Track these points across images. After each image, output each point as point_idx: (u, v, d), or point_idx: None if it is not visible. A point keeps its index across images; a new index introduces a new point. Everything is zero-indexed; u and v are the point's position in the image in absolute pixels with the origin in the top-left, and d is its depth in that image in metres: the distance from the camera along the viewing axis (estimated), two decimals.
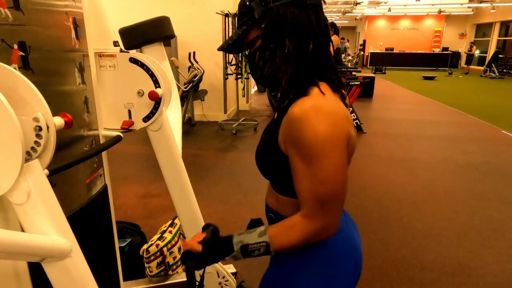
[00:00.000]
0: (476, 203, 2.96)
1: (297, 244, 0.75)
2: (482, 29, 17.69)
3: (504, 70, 14.02)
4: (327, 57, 0.77)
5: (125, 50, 1.16)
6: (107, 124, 1.18)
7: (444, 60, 17.06)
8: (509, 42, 15.85)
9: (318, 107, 0.69)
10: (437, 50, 17.87)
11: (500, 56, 14.41)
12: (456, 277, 2.00)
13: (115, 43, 1.16)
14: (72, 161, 0.86)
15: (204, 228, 0.87)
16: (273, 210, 0.90)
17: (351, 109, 5.19)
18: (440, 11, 16.22)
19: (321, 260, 0.82)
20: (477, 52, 16.77)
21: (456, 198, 3.05)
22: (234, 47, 0.80)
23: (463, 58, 17.46)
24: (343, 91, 0.82)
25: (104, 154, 1.17)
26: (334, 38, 5.97)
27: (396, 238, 2.40)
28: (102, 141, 1.14)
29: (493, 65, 13.65)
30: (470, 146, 4.62)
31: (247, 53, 0.82)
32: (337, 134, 0.69)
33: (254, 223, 0.85)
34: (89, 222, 1.08)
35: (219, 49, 0.83)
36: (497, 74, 13.44)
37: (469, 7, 16.08)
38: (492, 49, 15.93)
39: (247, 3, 0.75)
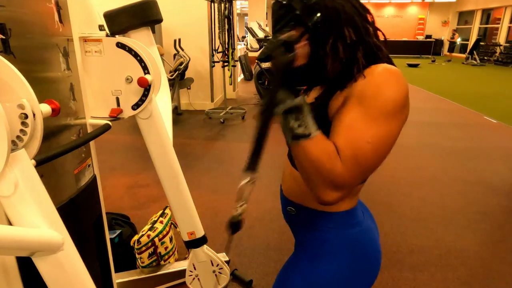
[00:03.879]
0: (461, 187, 3.03)
1: (313, 168, 0.66)
2: (464, 17, 17.93)
3: (485, 58, 14.31)
4: (377, 37, 0.77)
5: (111, 35, 1.11)
6: (95, 112, 1.14)
7: (427, 48, 17.26)
8: (490, 30, 16.13)
9: (398, 73, 0.69)
10: (420, 38, 18.05)
11: (481, 43, 14.68)
12: (443, 259, 2.06)
13: (101, 27, 1.11)
14: (60, 150, 0.82)
15: None
16: (295, 202, 0.87)
17: None
18: None
19: (343, 251, 0.82)
20: (459, 40, 17.04)
21: (442, 183, 3.12)
22: None
23: (446, 45, 17.71)
24: None
25: (92, 143, 1.13)
26: None
27: (385, 223, 2.44)
28: (89, 130, 1.10)
29: (474, 52, 13.90)
30: (454, 131, 4.71)
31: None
32: (406, 107, 0.69)
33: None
34: (79, 213, 1.04)
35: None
36: (479, 61, 13.70)
37: None
38: (473, 37, 16.20)
39: (285, 3, 0.72)
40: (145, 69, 1.09)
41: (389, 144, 0.69)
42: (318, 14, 0.70)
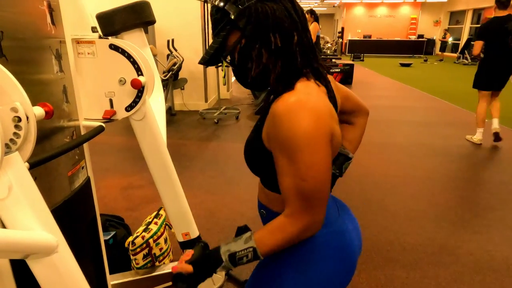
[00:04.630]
0: (453, 185, 3.07)
1: (283, 245, 0.75)
2: (456, 17, 18.12)
3: (476, 57, 14.46)
4: (311, 46, 0.76)
5: (104, 37, 1.11)
6: (88, 114, 1.14)
7: (419, 47, 17.42)
8: None
9: (302, 103, 0.68)
10: (413, 38, 18.21)
11: (472, 43, 14.80)
12: (436, 257, 2.08)
13: (94, 29, 1.11)
14: (53, 153, 0.82)
15: (194, 245, 0.86)
16: (265, 206, 0.89)
17: None
18: None
19: (310, 255, 0.82)
20: (450, 39, 17.20)
21: (434, 181, 3.16)
22: (216, 57, 0.77)
23: (438, 45, 17.88)
24: (328, 75, 0.81)
25: (86, 145, 1.12)
26: (314, 25, 5.96)
27: (378, 221, 2.46)
28: (83, 132, 1.10)
29: (466, 52, 14.05)
30: (446, 130, 4.77)
31: (229, 60, 0.78)
32: (320, 130, 0.68)
33: (241, 231, 0.83)
34: (73, 215, 1.04)
35: (200, 63, 0.80)
36: (470, 60, 13.86)
37: None
38: (465, 36, 16.38)
39: (221, 7, 0.72)
40: (138, 70, 1.09)
41: (323, 169, 0.69)
42: (250, 19, 0.70)
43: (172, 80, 5.00)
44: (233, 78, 8.84)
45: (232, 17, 0.71)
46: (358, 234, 0.92)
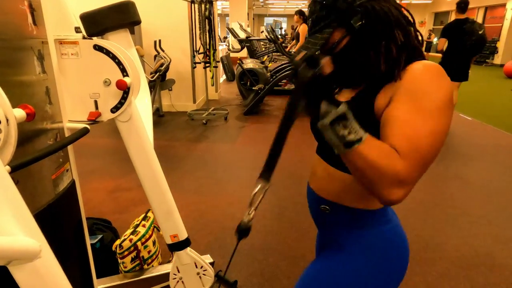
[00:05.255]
0: (439, 183, 3.13)
1: (373, 170, 0.64)
2: (440, 17, 18.47)
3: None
4: (419, 39, 0.80)
5: (88, 37, 1.09)
6: (72, 116, 1.11)
7: None
8: None
9: (443, 70, 0.71)
10: None
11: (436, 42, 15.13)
12: (422, 253, 2.12)
13: (77, 30, 1.09)
14: (36, 156, 0.80)
15: None
16: (331, 201, 0.87)
17: None
18: (401, 0, 16.69)
19: (373, 249, 0.83)
20: (435, 40, 17.50)
21: (420, 179, 3.20)
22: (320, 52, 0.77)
23: (423, 45, 18.16)
24: None
25: (70, 147, 1.10)
26: (304, 26, 6.00)
27: None
28: (67, 134, 1.08)
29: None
30: None
31: (332, 56, 0.73)
32: (453, 102, 0.72)
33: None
34: (57, 219, 1.02)
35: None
36: None
37: None
38: None
39: (329, 4, 0.73)
40: (124, 71, 1.07)
41: (444, 137, 0.70)
42: (369, 19, 0.72)
43: (160, 81, 4.96)
44: (222, 79, 8.80)
45: (343, 14, 0.72)
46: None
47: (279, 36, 11.73)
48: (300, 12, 6.31)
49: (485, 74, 10.91)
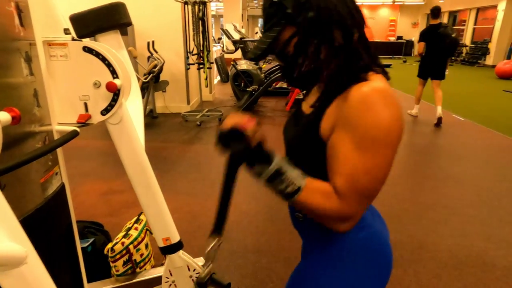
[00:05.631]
0: (432, 184, 3.15)
1: (316, 212, 0.69)
2: None
3: (453, 58, 14.92)
4: (368, 43, 0.74)
5: (78, 39, 1.08)
6: (62, 118, 1.10)
7: (399, 49, 17.82)
8: (457, 31, 16.83)
9: (385, 92, 0.65)
10: (392, 39, 18.61)
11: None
12: (416, 254, 2.13)
13: (66, 31, 1.08)
14: (23, 160, 0.79)
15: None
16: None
17: None
18: (394, 1, 16.86)
19: (350, 258, 0.79)
20: None
21: (413, 179, 3.23)
22: (267, 52, 0.74)
23: (416, 46, 18.35)
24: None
25: (59, 150, 1.09)
26: None
27: None
28: (56, 137, 1.07)
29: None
30: (425, 130, 4.89)
31: (281, 55, 0.74)
32: (400, 128, 0.65)
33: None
34: (46, 224, 1.01)
35: (249, 58, 0.78)
36: None
37: None
38: None
39: (276, 1, 0.69)
40: (114, 73, 1.06)
41: (387, 168, 0.67)
42: (311, 14, 0.67)
43: (153, 82, 4.93)
44: (216, 80, 8.78)
45: (290, 11, 0.68)
46: (388, 235, 0.90)
47: None
48: None
49: (477, 75, 11.03)
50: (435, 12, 4.94)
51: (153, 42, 4.85)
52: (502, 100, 7.09)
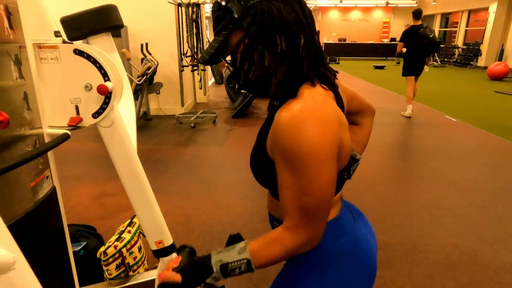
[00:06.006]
0: (424, 184, 3.17)
1: (280, 259, 0.72)
2: (425, 21, 18.74)
3: (445, 59, 15.09)
4: (319, 50, 0.72)
5: (69, 41, 1.08)
6: (52, 121, 1.09)
7: (392, 50, 17.92)
8: (449, 33, 17.02)
9: (308, 112, 0.64)
10: (385, 41, 18.75)
11: (441, 46, 15.47)
12: (409, 255, 2.14)
13: (57, 34, 1.07)
14: (12, 163, 0.78)
15: (179, 251, 0.82)
16: (276, 218, 0.86)
17: None
18: (387, 3, 17.00)
19: (330, 268, 0.78)
20: None
21: (407, 180, 3.25)
22: (216, 57, 0.73)
23: None
24: (335, 81, 0.78)
25: (50, 154, 1.08)
26: None
27: None
28: (47, 140, 1.06)
29: (435, 54, 14.62)
30: (418, 131, 4.93)
31: (230, 60, 0.74)
32: (327, 143, 0.64)
33: (233, 239, 0.80)
34: (37, 228, 1.00)
35: (199, 63, 0.79)
36: (439, 63, 14.43)
37: None
38: None
39: (223, 4, 0.67)
40: (105, 76, 1.06)
41: (328, 185, 0.66)
42: (255, 18, 0.65)
43: (147, 84, 4.91)
44: (210, 82, 8.78)
45: (236, 15, 0.66)
46: (374, 239, 0.89)
47: None
48: None
49: (470, 76, 11.15)
50: (417, 14, 5.33)
51: (146, 44, 4.84)
52: (494, 101, 7.18)
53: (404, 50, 5.41)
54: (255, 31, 0.67)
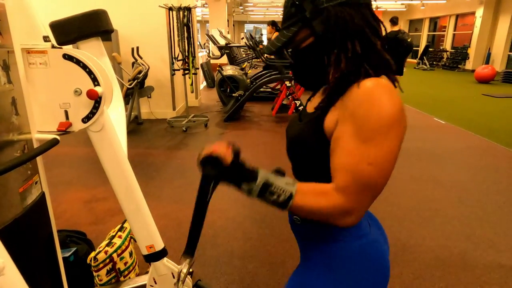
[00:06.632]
0: (414, 186, 3.21)
1: (317, 213, 0.70)
2: (415, 25, 19.11)
3: (434, 62, 15.32)
4: (385, 52, 0.76)
5: (58, 46, 1.07)
6: (42, 126, 1.09)
7: None
8: (438, 37, 17.31)
9: (389, 87, 0.68)
10: None
11: (430, 49, 15.71)
12: (399, 256, 2.17)
13: (46, 38, 1.07)
14: (0, 169, 0.78)
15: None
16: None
17: (299, 102, 5.33)
18: (377, 7, 17.20)
19: (350, 267, 0.79)
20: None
21: (397, 183, 3.29)
22: (281, 49, 0.77)
23: None
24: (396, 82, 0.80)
25: (39, 159, 1.08)
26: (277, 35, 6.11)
27: None
28: (36, 145, 1.05)
29: (424, 58, 14.84)
30: (407, 133, 4.96)
31: (293, 53, 0.78)
32: (403, 120, 0.67)
33: (278, 173, 0.77)
34: (26, 233, 0.99)
35: (264, 52, 0.82)
36: (428, 66, 14.64)
37: (402, 4, 17.26)
38: (423, 43, 17.29)
39: (297, 3, 0.71)
40: (95, 80, 1.06)
41: (392, 159, 0.68)
42: (327, 21, 0.70)
43: (138, 88, 4.89)
44: (202, 85, 8.76)
45: (308, 15, 0.70)
46: (388, 245, 0.90)
47: (258, 43, 11.82)
48: (273, 23, 6.47)
49: (458, 79, 11.34)
50: (394, 20, 6.07)
51: (137, 48, 4.83)
52: (481, 103, 7.31)
53: None
54: (326, 33, 0.71)
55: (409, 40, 5.85)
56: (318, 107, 0.77)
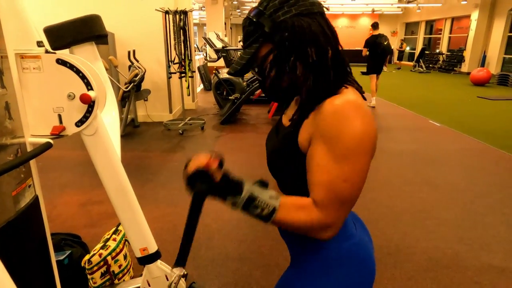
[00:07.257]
0: (409, 188, 3.24)
1: (297, 227, 0.73)
2: (411, 28, 19.23)
3: (430, 65, 15.42)
4: (343, 60, 0.78)
5: (51, 51, 1.09)
6: (35, 130, 1.10)
7: None
8: (434, 40, 17.43)
9: (357, 104, 0.69)
10: None
11: (426, 52, 15.81)
12: (392, 257, 2.18)
13: (39, 43, 1.08)
14: None
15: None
16: None
17: None
18: (373, 10, 17.32)
19: (335, 267, 0.81)
20: (407, 49, 18.19)
21: (391, 185, 3.31)
22: (246, 67, 0.79)
23: (395, 54, 18.86)
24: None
25: (33, 162, 1.09)
26: None
27: None
28: (29, 149, 1.06)
29: (421, 60, 14.93)
30: (402, 135, 5.02)
31: (257, 70, 0.80)
32: (373, 135, 0.70)
33: (262, 184, 0.78)
34: (19, 237, 1.00)
35: (231, 74, 0.82)
36: (424, 68, 14.73)
37: (398, 7, 17.39)
38: (419, 46, 17.40)
39: (255, 20, 0.73)
40: (88, 85, 1.07)
41: (365, 174, 0.71)
42: (286, 33, 0.72)
43: (135, 91, 4.90)
44: (199, 88, 8.78)
45: (267, 30, 0.72)
46: (372, 244, 0.92)
47: None
48: None
49: (453, 82, 11.42)
50: (375, 25, 6.76)
51: (133, 51, 4.84)
52: (477, 106, 7.37)
53: (368, 53, 6.75)
54: (286, 44, 0.73)
55: (385, 43, 6.53)
56: (292, 120, 0.79)
